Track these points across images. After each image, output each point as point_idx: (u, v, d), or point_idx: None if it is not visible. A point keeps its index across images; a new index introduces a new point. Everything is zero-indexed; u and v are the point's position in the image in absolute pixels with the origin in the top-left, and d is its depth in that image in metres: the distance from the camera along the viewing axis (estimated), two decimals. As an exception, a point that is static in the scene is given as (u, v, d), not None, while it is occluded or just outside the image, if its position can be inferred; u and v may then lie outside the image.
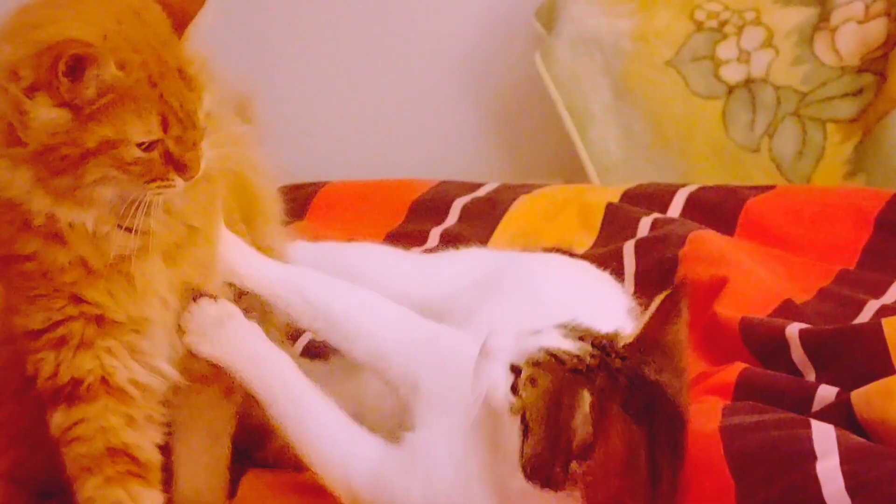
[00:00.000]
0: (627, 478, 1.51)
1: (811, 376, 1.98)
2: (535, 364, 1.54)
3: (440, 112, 3.51)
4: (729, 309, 2.15)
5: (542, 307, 1.92)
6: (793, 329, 2.03)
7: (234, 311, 1.79)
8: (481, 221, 2.75)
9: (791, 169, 3.07)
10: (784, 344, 2.02)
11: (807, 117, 3.05)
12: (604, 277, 2.09)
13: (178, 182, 1.66)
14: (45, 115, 1.60)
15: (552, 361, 1.54)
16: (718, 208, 2.61)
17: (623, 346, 1.57)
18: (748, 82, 3.08)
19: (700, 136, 3.13)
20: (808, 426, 1.68)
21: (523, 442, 1.52)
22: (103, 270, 1.69)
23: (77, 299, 1.70)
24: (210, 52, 1.72)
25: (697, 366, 2.06)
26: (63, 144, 1.60)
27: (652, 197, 2.72)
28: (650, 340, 1.58)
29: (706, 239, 2.41)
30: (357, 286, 1.85)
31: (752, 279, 2.25)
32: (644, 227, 2.55)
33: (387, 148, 3.52)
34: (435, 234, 2.73)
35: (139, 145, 1.62)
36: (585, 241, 2.61)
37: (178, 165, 1.66)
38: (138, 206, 1.65)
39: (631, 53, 3.14)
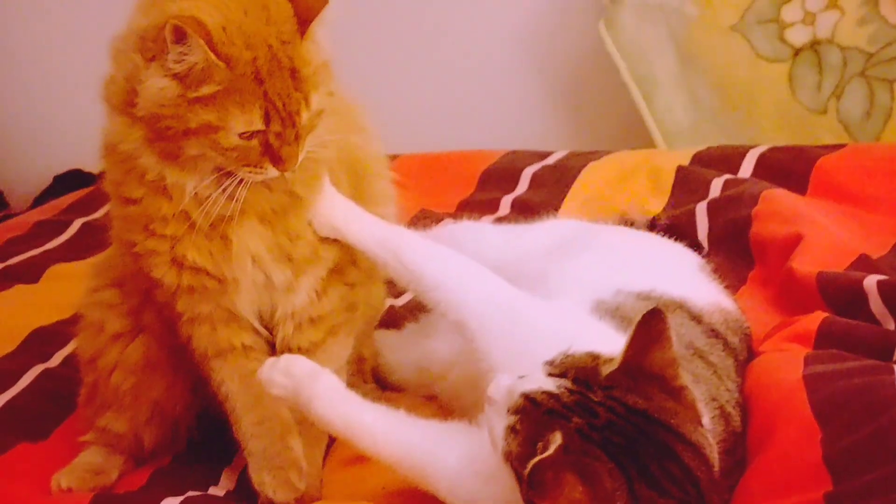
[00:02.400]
0: None
1: (891, 326, 1.99)
2: (515, 411, 1.53)
3: (506, 84, 3.53)
4: (805, 265, 2.17)
5: (613, 264, 1.96)
6: (871, 281, 2.04)
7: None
8: (551, 189, 2.78)
9: (859, 130, 3.07)
10: (862, 296, 2.04)
11: (874, 77, 3.05)
12: (670, 243, 2.13)
13: (271, 171, 1.73)
14: (157, 83, 1.68)
15: (529, 405, 1.53)
16: (789, 168, 2.62)
17: (606, 377, 1.53)
18: (814, 44, 3.09)
19: (766, 100, 3.13)
20: (893, 372, 1.70)
21: (520, 487, 1.51)
22: (204, 228, 1.77)
23: (175, 260, 1.79)
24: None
25: (775, 321, 2.08)
26: (169, 117, 1.68)
27: (722, 159, 2.73)
28: (635, 366, 1.53)
29: (779, 197, 2.42)
30: (451, 252, 1.88)
31: (826, 235, 2.27)
32: (716, 188, 2.57)
33: (455, 120, 3.55)
34: (506, 202, 2.77)
35: (240, 134, 1.69)
36: (656, 204, 2.63)
37: (274, 157, 1.72)
38: (235, 181, 1.73)
39: (695, 19, 3.15)
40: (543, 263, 1.97)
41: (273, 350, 1.90)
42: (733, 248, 2.37)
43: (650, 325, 1.52)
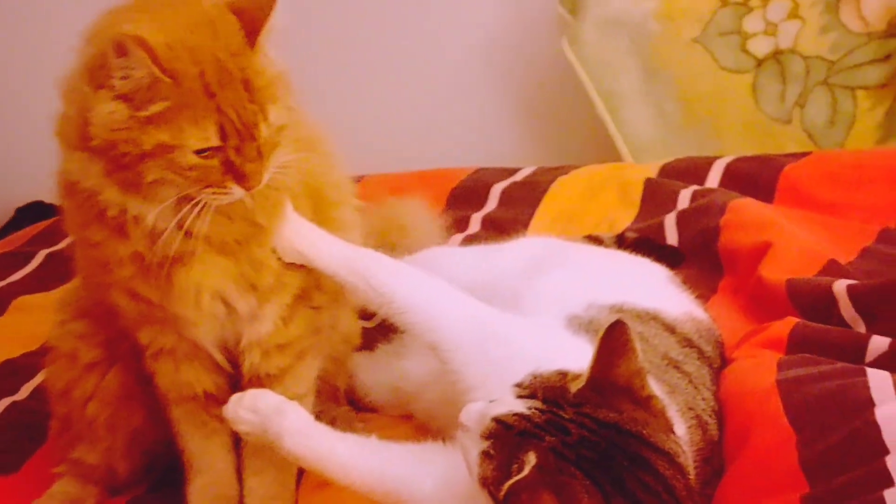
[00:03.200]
0: None
1: (861, 329, 1.99)
2: (487, 436, 1.52)
3: (470, 101, 3.53)
4: (774, 272, 2.17)
5: (585, 279, 1.95)
6: (840, 285, 2.05)
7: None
8: (521, 205, 2.77)
9: (823, 138, 3.08)
10: (832, 300, 2.04)
11: (836, 85, 3.07)
12: (638, 258, 2.13)
13: (236, 191, 1.69)
14: (106, 108, 1.65)
15: (501, 429, 1.51)
16: (756, 177, 2.63)
17: (574, 394, 1.52)
18: (776, 54, 3.10)
19: (731, 111, 3.14)
20: (865, 374, 1.70)
21: None
22: (157, 269, 1.74)
23: (132, 293, 1.77)
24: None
25: (746, 329, 2.08)
26: (123, 142, 1.65)
27: (689, 170, 2.74)
28: (602, 380, 1.52)
29: (747, 206, 2.43)
30: (420, 272, 1.87)
31: (795, 242, 2.27)
32: (684, 199, 2.57)
33: (420, 139, 3.54)
34: (476, 220, 2.77)
35: (197, 152, 1.66)
36: (626, 217, 2.63)
37: (237, 175, 1.69)
38: (196, 208, 1.69)
39: (658, 33, 3.16)
40: (516, 282, 1.97)
41: (237, 386, 1.88)
42: (703, 258, 2.37)
43: (613, 338, 1.51)
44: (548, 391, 1.53)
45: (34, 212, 3.52)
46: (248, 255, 1.78)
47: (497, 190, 2.86)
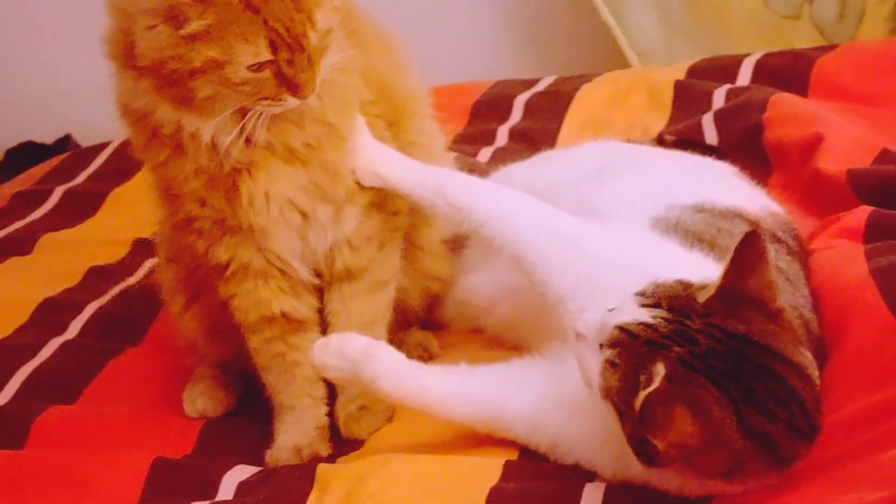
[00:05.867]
0: (720, 450, 1.44)
1: (931, 216, 1.97)
2: (612, 345, 1.49)
3: (472, 15, 3.46)
4: (830, 164, 2.15)
5: (659, 180, 1.93)
6: (902, 172, 2.03)
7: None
8: (547, 114, 2.73)
9: (833, 32, 3.06)
10: (896, 187, 2.02)
11: (845, -22, 3.04)
12: (698, 156, 2.10)
13: (291, 101, 1.67)
14: (147, 25, 1.62)
15: (626, 338, 1.49)
16: (788, 72, 2.61)
17: (703, 304, 1.50)
18: (785, -52, 3.07)
19: (739, 9, 3.11)
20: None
21: (622, 422, 1.48)
22: (221, 179, 1.73)
23: (202, 202, 1.76)
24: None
25: (806, 224, 2.06)
26: (171, 59, 1.62)
27: (719, 69, 2.71)
28: (732, 291, 1.49)
29: (789, 100, 2.40)
30: (498, 185, 1.85)
31: (845, 134, 2.25)
32: (719, 98, 2.54)
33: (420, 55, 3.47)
34: (503, 133, 2.73)
35: (249, 67, 1.63)
36: (658, 121, 2.60)
37: (290, 86, 1.66)
38: (256, 118, 1.67)
39: (664, -69, 3.12)
40: (581, 189, 1.93)
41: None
42: (748, 156, 2.34)
43: (748, 248, 1.49)
44: (673, 300, 1.51)
45: (25, 153, 3.44)
46: (321, 160, 1.76)
47: (520, 101, 2.81)
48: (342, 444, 1.86)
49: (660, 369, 1.44)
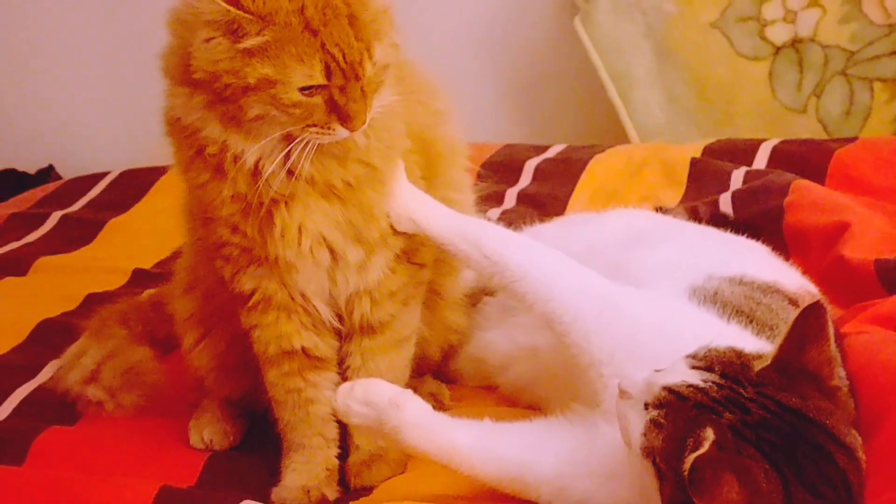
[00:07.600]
0: None
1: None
2: (658, 405, 1.46)
3: (479, 82, 3.46)
4: (857, 252, 2.14)
5: (697, 251, 1.91)
6: (933, 266, 2.03)
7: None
8: (558, 181, 2.72)
9: (837, 129, 3.07)
10: (926, 280, 2.02)
11: (854, 76, 3.06)
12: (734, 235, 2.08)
13: (340, 131, 1.65)
14: (205, 38, 1.61)
15: (674, 399, 1.45)
16: (806, 160, 2.61)
17: (757, 373, 1.47)
18: (795, 42, 3.08)
19: (745, 98, 3.12)
20: None
21: (661, 484, 1.45)
22: (257, 209, 1.70)
23: (235, 228, 1.73)
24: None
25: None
26: (226, 73, 1.60)
27: (735, 151, 2.71)
28: (789, 363, 1.47)
29: (812, 188, 2.40)
30: (535, 241, 1.81)
31: (871, 224, 2.25)
32: (737, 179, 2.54)
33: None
34: (511, 195, 2.71)
35: (301, 90, 1.61)
36: (672, 196, 2.59)
37: (341, 115, 1.64)
38: (299, 146, 1.64)
39: (673, 15, 3.13)
40: (615, 253, 1.91)
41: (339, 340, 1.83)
42: (766, 239, 2.32)
43: (809, 321, 1.46)
44: (726, 366, 1.47)
45: (7, 180, 3.40)
46: (358, 200, 1.73)
47: (531, 166, 2.80)
48: (351, 490, 1.82)
49: (709, 434, 1.41)
